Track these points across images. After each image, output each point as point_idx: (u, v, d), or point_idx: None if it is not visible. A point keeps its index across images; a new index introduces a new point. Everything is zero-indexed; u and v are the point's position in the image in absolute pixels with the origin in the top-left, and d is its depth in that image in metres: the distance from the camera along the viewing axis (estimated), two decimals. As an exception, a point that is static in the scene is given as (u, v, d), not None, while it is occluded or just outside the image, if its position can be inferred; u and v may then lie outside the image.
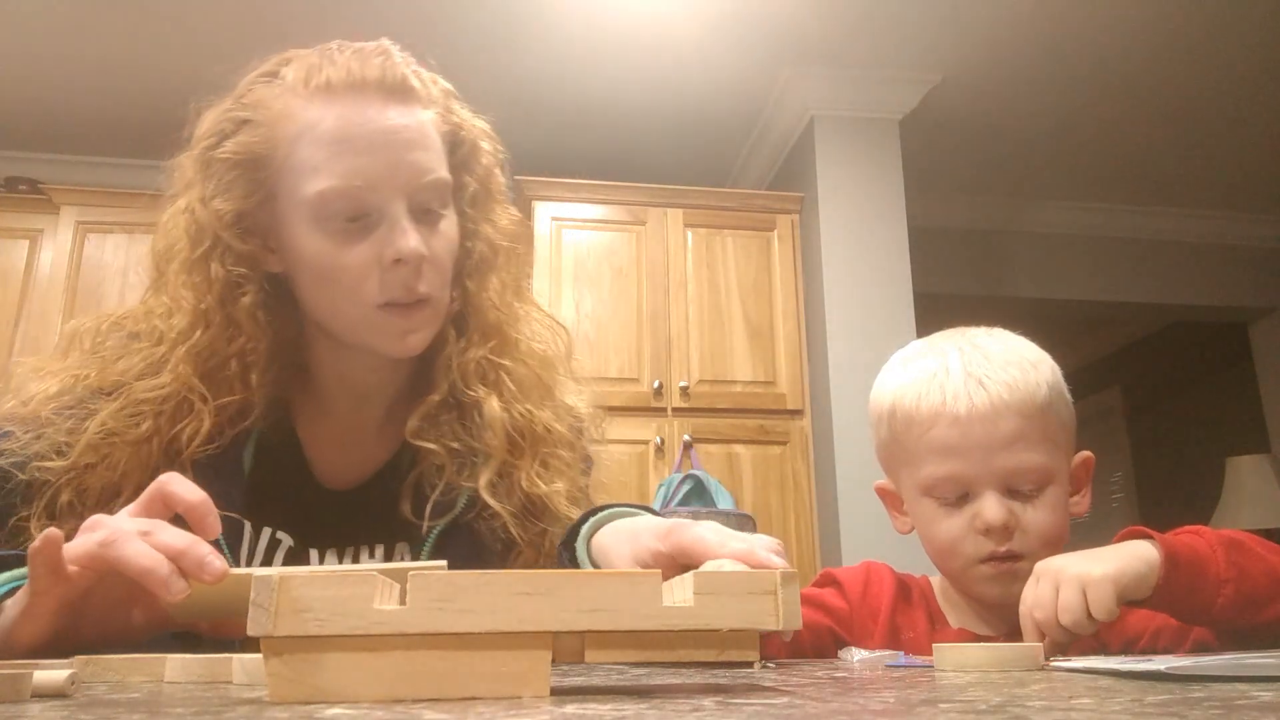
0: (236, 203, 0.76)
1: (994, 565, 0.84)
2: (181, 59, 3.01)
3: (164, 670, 0.50)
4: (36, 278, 3.15)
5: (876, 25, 2.94)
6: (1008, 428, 0.84)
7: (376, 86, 0.76)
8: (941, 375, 0.87)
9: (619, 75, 3.18)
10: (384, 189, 0.74)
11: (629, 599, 0.37)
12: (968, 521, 0.85)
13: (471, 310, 0.84)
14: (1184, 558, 0.72)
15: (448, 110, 0.83)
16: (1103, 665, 0.50)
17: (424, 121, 0.78)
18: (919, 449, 0.87)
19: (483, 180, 0.85)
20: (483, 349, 0.83)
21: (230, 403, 0.76)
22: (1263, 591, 0.72)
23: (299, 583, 0.35)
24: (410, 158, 0.75)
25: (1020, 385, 0.85)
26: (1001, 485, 0.84)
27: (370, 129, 0.74)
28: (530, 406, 0.84)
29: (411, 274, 0.75)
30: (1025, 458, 0.83)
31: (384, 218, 0.74)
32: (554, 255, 3.11)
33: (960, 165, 3.77)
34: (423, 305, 0.77)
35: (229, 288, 0.76)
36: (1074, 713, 0.29)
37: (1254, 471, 3.91)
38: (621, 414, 2.94)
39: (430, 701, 0.35)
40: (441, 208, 0.79)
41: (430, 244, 0.76)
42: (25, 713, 0.33)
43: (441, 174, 0.78)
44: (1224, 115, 3.44)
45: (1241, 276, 4.25)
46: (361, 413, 0.86)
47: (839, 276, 3.08)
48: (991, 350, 0.88)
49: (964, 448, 0.84)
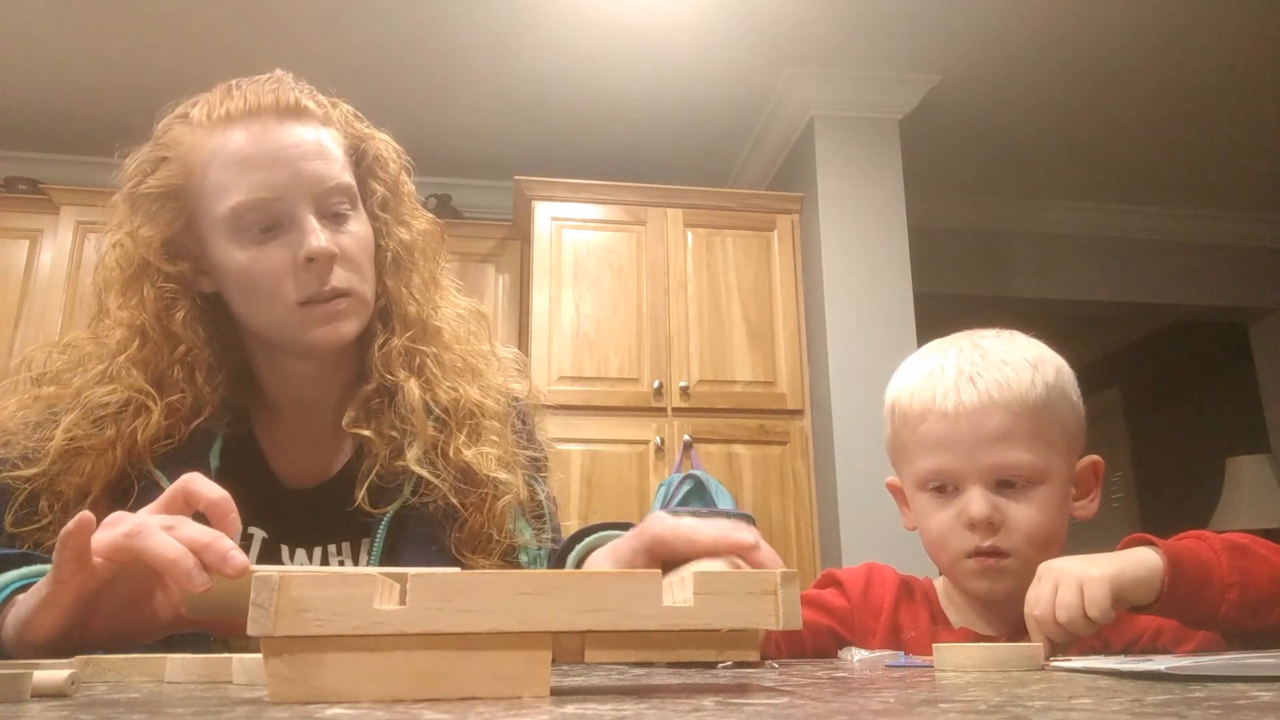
0: (161, 230, 0.84)
1: (979, 560, 0.85)
2: (181, 59, 3.01)
3: (164, 670, 0.50)
4: (36, 278, 3.15)
5: (877, 25, 2.94)
6: (994, 424, 0.85)
7: (271, 110, 0.83)
8: (936, 374, 0.89)
9: (619, 75, 3.18)
10: (289, 197, 0.81)
11: (629, 599, 0.37)
12: (955, 515, 0.86)
13: (393, 305, 0.90)
14: (1188, 563, 0.72)
15: (349, 126, 0.90)
16: (1103, 665, 0.50)
17: (320, 136, 0.85)
18: (913, 444, 0.89)
19: (390, 186, 0.92)
20: (402, 338, 0.89)
21: (180, 400, 0.82)
22: (1267, 595, 0.72)
23: (299, 583, 0.35)
24: (310, 167, 0.82)
25: (1012, 384, 0.86)
26: (989, 481, 0.85)
27: (270, 146, 0.82)
28: (453, 385, 0.89)
29: (323, 270, 0.81)
30: (1012, 455, 0.84)
31: (293, 223, 0.81)
32: (554, 255, 3.11)
33: (960, 165, 3.77)
34: (342, 298, 0.82)
35: (163, 305, 0.83)
36: (1074, 713, 0.29)
37: (1254, 471, 3.91)
38: (621, 414, 2.94)
39: (430, 701, 0.35)
40: (349, 210, 0.85)
41: (341, 243, 0.83)
42: (25, 713, 0.33)
43: (343, 179, 0.84)
44: (1224, 115, 3.44)
45: (1241, 276, 4.25)
46: (313, 419, 0.90)
47: (839, 276, 3.08)
48: (990, 350, 0.89)
49: (951, 443, 0.86)
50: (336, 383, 0.90)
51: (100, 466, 0.79)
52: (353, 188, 0.86)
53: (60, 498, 0.78)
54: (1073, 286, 4.15)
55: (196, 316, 0.84)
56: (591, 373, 2.99)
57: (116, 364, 0.83)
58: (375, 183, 0.91)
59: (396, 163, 0.93)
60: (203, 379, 0.83)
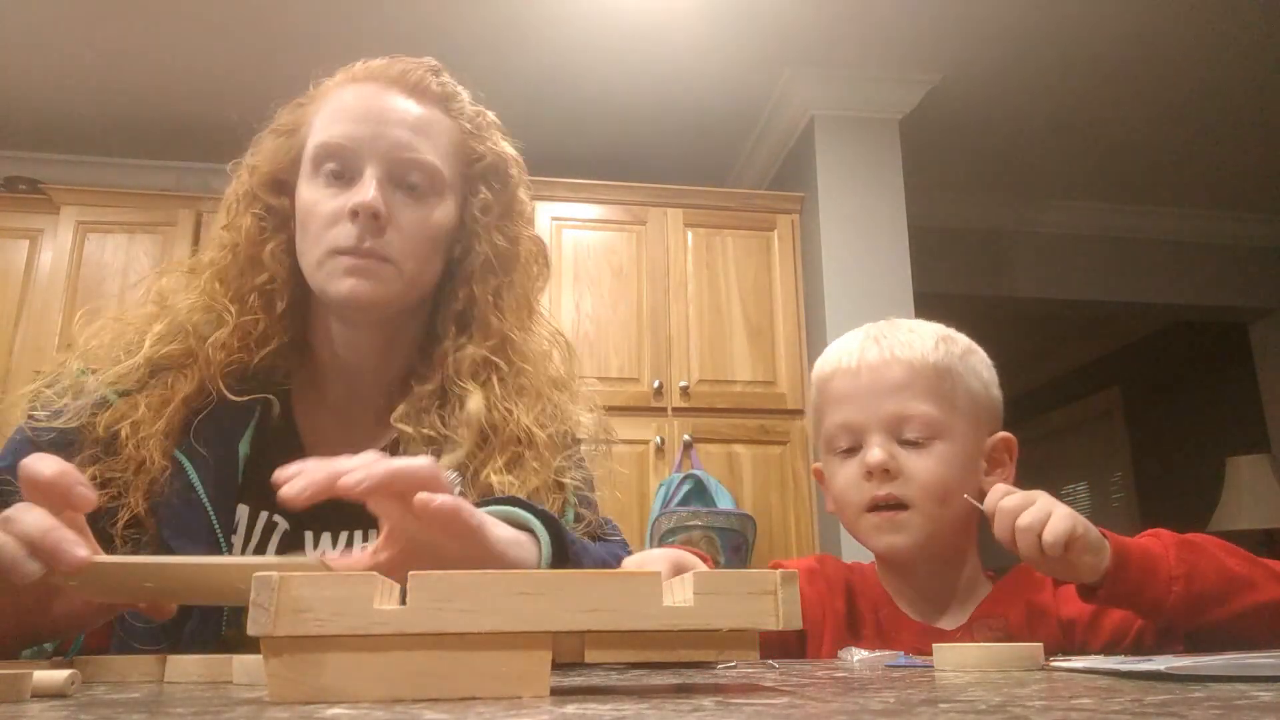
0: (271, 163, 0.88)
1: (879, 515, 0.88)
2: (182, 59, 3.01)
3: (164, 670, 0.50)
4: (36, 278, 3.14)
5: (877, 25, 2.94)
6: (894, 375, 0.89)
7: (392, 80, 0.86)
8: (847, 342, 0.95)
9: (619, 75, 3.18)
10: (363, 151, 0.83)
11: (629, 599, 0.37)
12: (857, 468, 0.89)
13: (474, 310, 0.89)
14: (1134, 554, 0.76)
15: (479, 129, 0.91)
16: (1103, 665, 0.50)
17: (429, 115, 0.86)
18: (823, 405, 0.94)
19: (500, 196, 0.91)
20: (481, 348, 0.88)
21: (252, 323, 0.84)
22: (1213, 589, 0.75)
23: (299, 583, 0.35)
24: (395, 132, 0.83)
25: (915, 345, 0.91)
26: (888, 431, 0.88)
27: (370, 104, 0.84)
28: (512, 407, 0.87)
29: (367, 227, 0.81)
30: (911, 405, 0.88)
31: (360, 178, 0.82)
32: (554, 255, 3.10)
33: (960, 165, 3.77)
34: (375, 259, 0.82)
35: (257, 233, 0.86)
36: (1074, 713, 0.29)
37: (1254, 471, 3.91)
38: (621, 414, 2.94)
39: (430, 701, 0.35)
40: (429, 190, 0.85)
41: (401, 213, 0.83)
42: (25, 713, 0.33)
43: (426, 157, 0.84)
44: (1224, 115, 3.44)
45: (1241, 276, 4.25)
46: (357, 401, 0.89)
47: (839, 276, 3.08)
48: (900, 323, 0.95)
49: (854, 394, 0.90)
50: (388, 365, 0.89)
51: (180, 384, 0.80)
52: (439, 171, 0.85)
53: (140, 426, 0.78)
54: (1073, 286, 4.15)
55: (287, 251, 0.86)
56: (591, 372, 2.99)
57: (202, 278, 0.86)
58: (484, 187, 0.90)
59: (516, 179, 0.94)
60: (280, 310, 0.85)
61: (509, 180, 0.93)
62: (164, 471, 0.78)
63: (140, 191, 3.29)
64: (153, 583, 0.57)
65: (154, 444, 0.78)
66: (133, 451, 0.77)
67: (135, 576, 0.56)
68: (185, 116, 3.26)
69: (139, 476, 0.77)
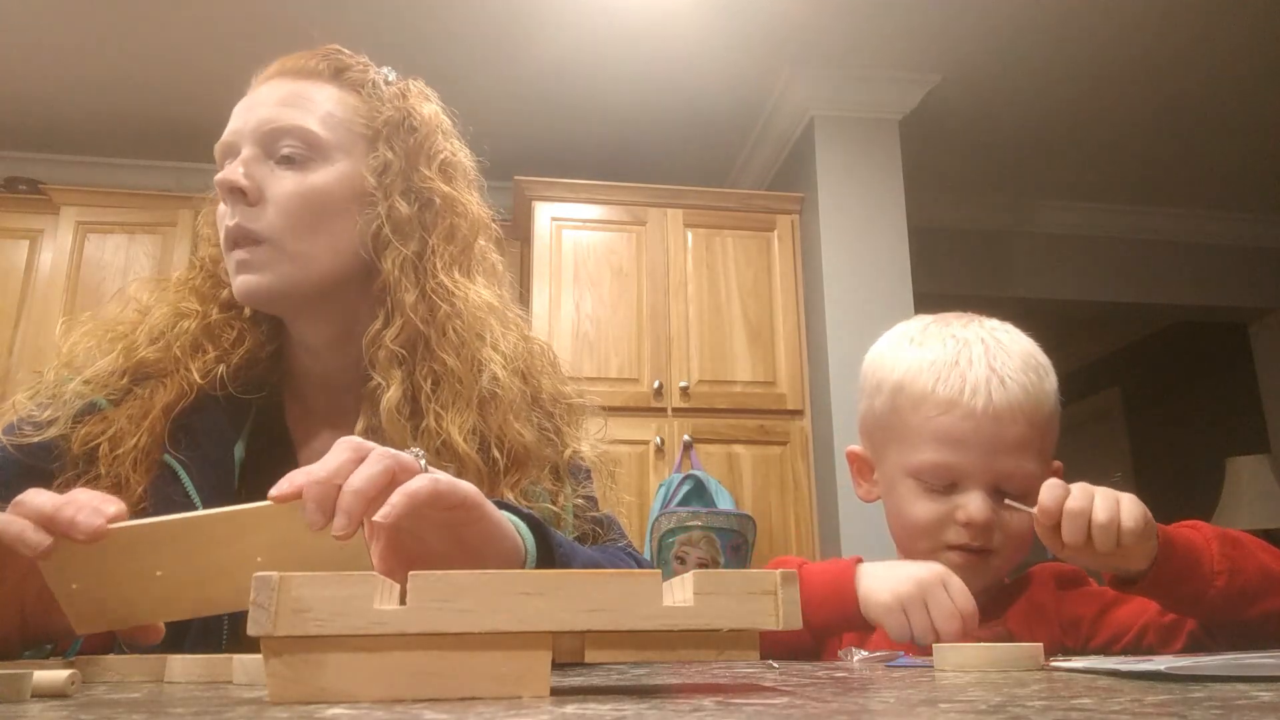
0: None
1: (964, 555, 0.84)
2: (181, 59, 3.01)
3: (164, 670, 0.50)
4: (36, 278, 3.14)
5: (876, 25, 2.94)
6: (1016, 432, 0.83)
7: (277, 71, 0.85)
8: (964, 365, 0.85)
9: (619, 75, 3.18)
10: (240, 139, 0.82)
11: (629, 599, 0.37)
12: (949, 511, 0.84)
13: (389, 290, 0.82)
14: (1179, 545, 0.73)
15: (379, 92, 0.87)
16: (1103, 665, 0.50)
17: (305, 87, 0.83)
18: (921, 431, 0.85)
19: (402, 154, 0.84)
20: (393, 329, 0.81)
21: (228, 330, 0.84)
22: (1255, 586, 0.73)
23: (299, 583, 0.35)
24: (267, 110, 0.82)
25: (1035, 391, 0.84)
26: (991, 485, 0.84)
27: (256, 96, 0.84)
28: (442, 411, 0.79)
29: (236, 205, 0.79)
30: (1024, 465, 0.84)
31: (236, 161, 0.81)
32: (554, 255, 3.11)
33: (960, 165, 3.77)
34: (246, 246, 0.79)
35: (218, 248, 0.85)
36: (1074, 713, 0.29)
37: (1254, 471, 3.91)
38: (621, 414, 2.94)
39: (430, 701, 0.35)
40: (307, 156, 0.81)
41: (271, 187, 0.79)
42: (25, 713, 0.33)
43: (294, 122, 0.81)
44: (1224, 115, 3.44)
45: (1241, 276, 4.25)
46: (337, 406, 0.87)
47: (839, 276, 3.08)
48: (1012, 349, 0.87)
49: (971, 442, 0.83)
50: (348, 367, 0.84)
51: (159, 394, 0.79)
52: (311, 133, 0.80)
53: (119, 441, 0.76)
54: (1073, 286, 4.15)
55: None
56: (591, 373, 2.99)
57: (173, 290, 0.87)
58: (384, 147, 0.84)
59: (426, 135, 0.87)
60: (248, 315, 0.85)
61: (415, 135, 0.85)
62: (146, 487, 0.76)
63: (140, 191, 3.29)
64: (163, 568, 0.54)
65: (130, 462, 0.76)
66: (112, 469, 0.76)
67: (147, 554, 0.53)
68: (185, 116, 3.25)
69: (124, 494, 0.73)
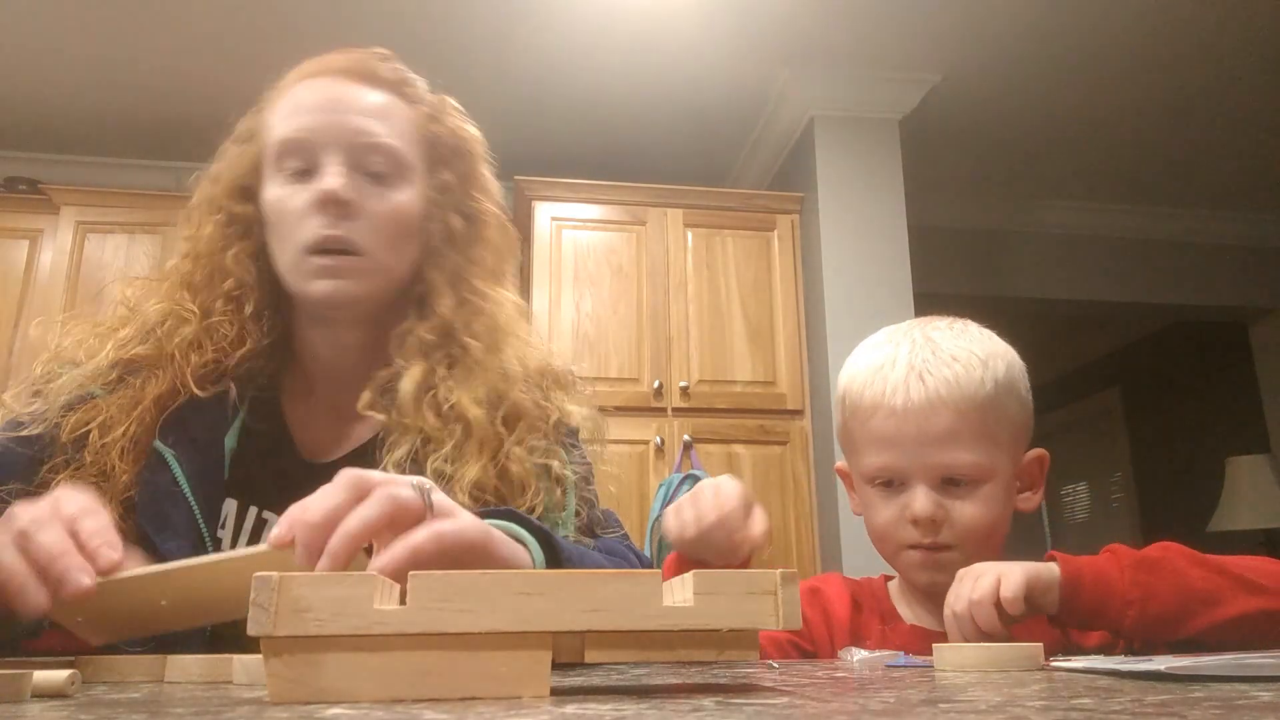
0: (232, 169, 0.88)
1: (922, 553, 0.86)
2: (181, 59, 3.01)
3: (164, 670, 0.50)
4: (36, 278, 3.14)
5: (876, 25, 2.94)
6: (941, 424, 0.84)
7: (342, 70, 0.86)
8: (888, 367, 0.88)
9: (619, 75, 3.18)
10: (324, 142, 0.82)
11: (629, 599, 0.37)
12: (899, 510, 0.86)
13: (429, 293, 0.87)
14: (1087, 579, 0.74)
15: (437, 112, 0.90)
16: (1103, 665, 0.50)
17: (385, 100, 0.86)
18: (862, 437, 0.89)
19: (460, 175, 0.91)
20: (428, 326, 0.86)
21: (222, 323, 0.83)
22: (1171, 610, 0.73)
23: (299, 583, 0.35)
24: (354, 120, 0.83)
25: (961, 381, 0.85)
26: (934, 478, 0.85)
27: (325, 96, 0.84)
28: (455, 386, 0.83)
29: (335, 215, 0.80)
30: (957, 455, 0.84)
31: (323, 169, 0.81)
32: (554, 255, 3.11)
33: (960, 165, 3.77)
34: (347, 255, 0.81)
35: (220, 240, 0.86)
36: (1074, 713, 0.29)
37: (1254, 471, 3.91)
38: (621, 414, 2.94)
39: (430, 701, 0.35)
40: (393, 175, 0.84)
41: (368, 203, 0.82)
42: (25, 713, 0.33)
43: (388, 141, 0.83)
44: (1224, 115, 3.44)
45: (1241, 276, 4.25)
46: (344, 394, 0.87)
47: (839, 276, 3.08)
48: (942, 344, 0.88)
49: (898, 440, 0.85)
50: (372, 364, 0.86)
51: (150, 386, 0.79)
52: (401, 154, 0.84)
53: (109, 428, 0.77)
54: (1073, 286, 4.15)
55: (252, 256, 0.85)
56: (591, 373, 2.99)
57: (165, 286, 0.86)
58: (445, 169, 0.89)
59: (478, 157, 0.93)
60: (249, 313, 0.84)
61: (470, 159, 0.92)
62: (134, 476, 0.76)
63: (140, 191, 3.29)
64: (167, 599, 0.55)
65: (118, 451, 0.76)
66: (98, 457, 0.76)
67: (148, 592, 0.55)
68: (185, 116, 3.25)
69: (109, 483, 0.75)
